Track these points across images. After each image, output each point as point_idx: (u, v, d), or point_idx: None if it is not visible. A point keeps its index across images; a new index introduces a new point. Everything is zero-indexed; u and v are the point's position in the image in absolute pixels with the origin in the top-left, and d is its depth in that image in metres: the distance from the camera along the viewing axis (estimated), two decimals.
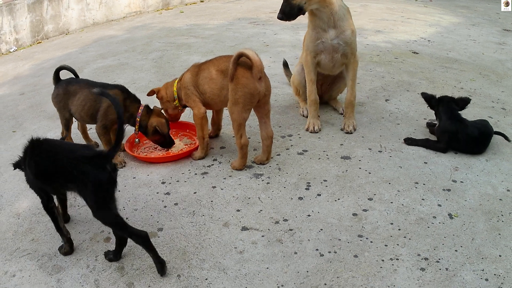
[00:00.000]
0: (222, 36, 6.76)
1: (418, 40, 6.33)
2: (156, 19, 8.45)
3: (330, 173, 3.06)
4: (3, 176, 3.29)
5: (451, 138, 3.26)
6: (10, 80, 5.56)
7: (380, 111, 3.96)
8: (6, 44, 7.36)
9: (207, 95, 3.11)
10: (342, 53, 3.50)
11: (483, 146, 3.31)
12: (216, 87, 3.04)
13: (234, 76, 2.88)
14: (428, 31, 6.84)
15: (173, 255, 2.41)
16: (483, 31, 6.94)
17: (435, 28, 7.04)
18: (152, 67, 5.41)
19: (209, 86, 3.07)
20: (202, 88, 3.11)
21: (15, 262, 2.46)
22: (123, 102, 3.19)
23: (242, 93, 2.88)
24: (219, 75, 3.01)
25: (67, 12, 8.17)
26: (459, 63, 5.31)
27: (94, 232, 2.64)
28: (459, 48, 5.93)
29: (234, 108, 2.95)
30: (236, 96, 2.90)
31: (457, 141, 3.25)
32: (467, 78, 4.81)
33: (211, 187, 2.97)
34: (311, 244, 2.41)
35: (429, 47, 5.96)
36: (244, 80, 2.87)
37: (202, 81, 3.09)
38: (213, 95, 3.09)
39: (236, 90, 2.89)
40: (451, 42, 6.21)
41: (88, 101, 3.21)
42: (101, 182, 2.17)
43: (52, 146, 2.32)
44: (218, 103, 3.16)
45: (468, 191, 2.85)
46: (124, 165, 3.31)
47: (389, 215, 2.62)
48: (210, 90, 3.08)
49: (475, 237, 2.44)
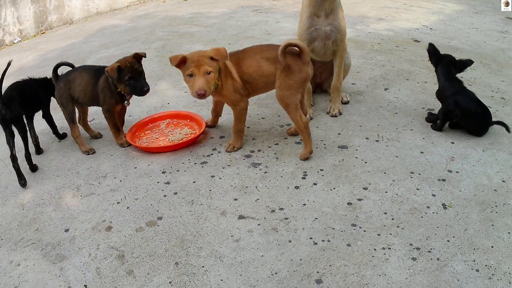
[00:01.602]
0: (224, 24, 6.77)
1: (420, 28, 6.31)
2: (160, 8, 8.46)
3: (327, 162, 3.10)
4: (7, 168, 3.36)
5: (451, 106, 3.32)
6: (15, 72, 5.60)
7: (378, 100, 3.98)
8: (10, 35, 7.41)
9: (254, 82, 3.17)
10: (333, 40, 3.60)
11: (484, 123, 3.34)
12: (264, 74, 3.11)
13: (287, 64, 3.00)
14: (430, 19, 6.82)
15: (172, 243, 2.48)
16: (486, 19, 6.90)
17: (438, 16, 7.01)
18: (154, 56, 5.44)
19: (257, 74, 3.12)
20: (248, 77, 3.15)
21: (19, 252, 2.54)
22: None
23: (297, 78, 3.02)
24: (265, 62, 3.09)
25: (70, 2, 8.19)
26: (460, 51, 5.31)
27: (96, 221, 2.71)
28: (461, 37, 5.92)
29: (287, 92, 3.06)
30: (290, 82, 3.03)
31: (457, 109, 3.30)
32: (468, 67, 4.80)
33: (210, 176, 3.02)
34: (305, 233, 2.47)
35: (431, 35, 5.94)
36: (296, 66, 3.01)
37: (248, 70, 3.13)
38: (263, 82, 3.16)
39: (290, 76, 3.02)
40: (453, 30, 6.20)
41: (88, 86, 3.36)
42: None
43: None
44: (262, 88, 3.26)
45: (463, 181, 2.88)
46: (127, 145, 3.45)
47: (383, 205, 2.67)
48: (259, 77, 3.13)
49: (468, 228, 2.48)
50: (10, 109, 3.10)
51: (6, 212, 2.90)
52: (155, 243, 2.50)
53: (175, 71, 4.76)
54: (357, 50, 5.30)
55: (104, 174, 3.16)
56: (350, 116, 3.72)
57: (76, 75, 3.39)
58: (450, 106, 3.32)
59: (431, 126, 3.50)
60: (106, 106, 3.37)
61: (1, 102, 3.05)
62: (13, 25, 7.44)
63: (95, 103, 3.44)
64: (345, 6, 7.43)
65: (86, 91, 3.37)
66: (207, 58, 2.94)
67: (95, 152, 3.47)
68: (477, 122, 3.34)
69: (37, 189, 3.09)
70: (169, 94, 4.30)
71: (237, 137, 3.30)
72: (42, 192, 3.05)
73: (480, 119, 3.34)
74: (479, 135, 3.38)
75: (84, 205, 2.87)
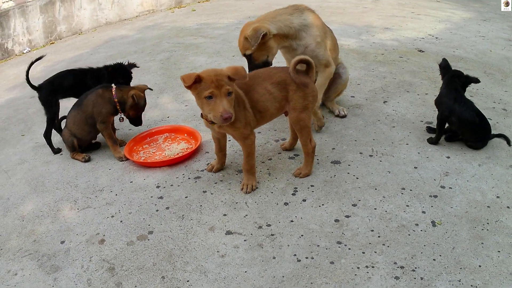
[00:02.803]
0: (230, 36, 6.83)
1: (426, 37, 6.29)
2: (168, 18, 8.57)
3: (318, 178, 3.12)
4: (10, 180, 3.47)
5: (446, 112, 3.31)
6: (22, 83, 5.71)
7: (376, 114, 3.99)
8: (20, 45, 7.57)
9: (269, 112, 2.98)
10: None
11: (482, 134, 3.33)
12: (276, 100, 2.95)
13: (302, 82, 2.92)
14: (437, 27, 6.79)
15: (160, 257, 2.53)
16: (494, 26, 6.85)
17: (445, 24, 6.98)
18: (159, 68, 5.53)
19: (271, 102, 2.94)
20: (262, 105, 2.93)
21: (17, 262, 2.64)
22: (99, 97, 3.53)
23: (311, 97, 2.98)
24: (276, 88, 2.93)
25: (79, 12, 8.33)
26: (465, 61, 5.28)
27: (90, 234, 2.78)
28: (467, 46, 5.89)
29: (303, 115, 2.97)
30: (305, 103, 2.95)
31: (453, 117, 3.29)
32: None
33: (202, 192, 3.07)
34: (290, 250, 2.50)
35: (436, 45, 5.93)
36: (310, 85, 2.96)
37: (261, 98, 2.92)
38: (275, 109, 2.99)
39: (304, 96, 2.94)
40: (459, 39, 6.17)
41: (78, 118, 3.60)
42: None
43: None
44: (272, 117, 3.10)
45: (456, 197, 2.87)
46: (126, 159, 3.52)
47: (370, 222, 2.68)
48: (272, 105, 2.95)
49: (456, 246, 2.47)
50: (40, 93, 3.71)
51: (7, 223, 3.00)
52: (144, 256, 2.56)
53: (178, 84, 4.86)
54: (359, 61, 5.31)
55: (101, 187, 3.24)
56: (346, 130, 3.73)
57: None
58: (445, 112, 3.32)
59: (427, 140, 3.50)
60: (99, 118, 3.51)
61: (30, 86, 3.71)
62: (22, 35, 7.60)
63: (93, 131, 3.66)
64: (352, 15, 7.54)
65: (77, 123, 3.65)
66: (225, 77, 2.60)
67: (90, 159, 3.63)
68: (474, 132, 3.32)
69: (37, 201, 3.18)
70: (169, 108, 4.37)
71: (250, 175, 3.04)
72: (42, 205, 3.14)
73: (478, 129, 3.31)
74: (478, 148, 3.37)
75: (80, 218, 2.95)
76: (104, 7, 8.68)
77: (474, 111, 3.29)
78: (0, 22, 7.41)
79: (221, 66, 5.34)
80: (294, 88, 2.93)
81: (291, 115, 3.01)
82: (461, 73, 3.42)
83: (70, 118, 3.62)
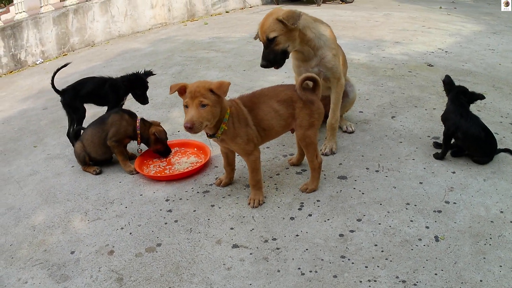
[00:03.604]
0: (241, 50, 6.94)
1: (436, 51, 6.33)
2: (181, 31, 8.71)
3: (325, 193, 3.17)
4: (22, 190, 3.57)
5: (452, 128, 3.35)
6: (35, 94, 5.90)
7: (384, 129, 4.03)
8: (33, 56, 7.74)
9: (273, 130, 3.03)
10: (324, 78, 3.56)
11: (488, 149, 3.35)
12: (282, 118, 3.00)
13: (309, 99, 2.97)
14: (447, 41, 6.84)
15: (167, 269, 2.60)
16: (504, 39, 6.87)
17: (455, 38, 7.02)
18: (170, 82, 5.63)
19: (276, 120, 2.99)
20: (267, 123, 2.98)
21: (28, 270, 2.72)
22: (121, 120, 3.65)
23: (317, 115, 3.03)
24: (282, 106, 2.98)
25: (92, 25, 8.50)
26: (473, 75, 5.31)
27: (100, 245, 2.86)
28: (476, 59, 5.92)
29: (309, 132, 3.02)
30: (311, 120, 3.00)
31: (459, 132, 3.33)
32: (479, 91, 4.70)
33: (210, 206, 3.14)
34: (294, 263, 2.55)
35: (445, 59, 5.96)
36: (316, 102, 3.02)
37: (266, 117, 2.97)
38: (280, 127, 3.05)
39: (311, 113, 2.99)
40: (469, 53, 6.20)
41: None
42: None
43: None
44: (278, 134, 3.15)
45: (460, 212, 2.90)
46: (136, 173, 3.61)
47: (374, 237, 2.72)
48: (277, 123, 3.01)
49: (458, 261, 2.50)
50: (64, 97, 3.97)
51: (18, 233, 3.09)
52: (152, 268, 2.62)
53: None
54: (369, 76, 5.36)
55: (112, 200, 3.32)
56: (354, 146, 3.78)
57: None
58: (451, 128, 3.36)
59: (433, 155, 3.53)
60: (116, 137, 3.62)
61: (55, 90, 3.98)
62: (35, 46, 7.78)
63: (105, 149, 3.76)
64: (363, 30, 7.61)
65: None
66: (206, 90, 2.64)
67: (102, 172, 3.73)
68: (480, 147, 3.35)
69: (48, 212, 3.28)
70: (180, 122, 4.46)
71: (257, 189, 3.09)
72: (53, 215, 3.23)
73: (484, 144, 3.34)
74: (483, 163, 3.39)
75: (90, 229, 3.03)
76: (117, 20, 8.85)
77: (480, 127, 3.32)
78: (13, 33, 7.59)
79: (232, 80, 5.40)
80: (301, 106, 2.99)
81: (297, 132, 3.07)
82: (466, 90, 3.46)
83: (87, 135, 3.70)
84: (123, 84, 3.94)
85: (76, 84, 4.06)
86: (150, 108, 4.87)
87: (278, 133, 3.12)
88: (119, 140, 3.62)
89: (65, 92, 4.00)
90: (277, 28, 3.29)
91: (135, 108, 4.69)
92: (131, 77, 3.95)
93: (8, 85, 6.92)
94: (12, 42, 7.61)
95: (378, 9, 9.90)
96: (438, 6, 10.25)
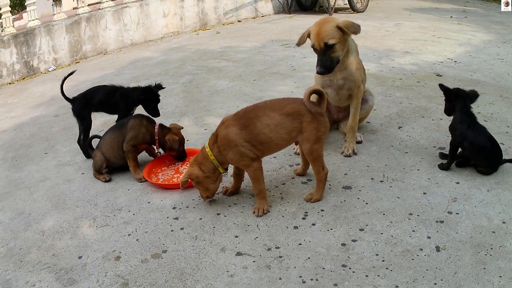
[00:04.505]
0: (252, 59, 7.01)
1: (445, 61, 6.35)
2: (193, 40, 8.82)
3: (329, 202, 3.22)
4: (32, 196, 3.67)
5: (460, 139, 3.38)
6: (47, 101, 6.03)
7: (390, 139, 4.07)
8: (45, 64, 7.89)
9: (273, 142, 3.03)
10: (347, 88, 3.73)
11: (493, 159, 3.38)
12: (284, 131, 3.00)
13: (318, 112, 3.00)
14: (456, 51, 6.85)
15: (172, 275, 2.66)
16: None
17: (465, 47, 7.03)
18: (181, 91, 5.72)
19: (276, 132, 2.99)
20: (263, 137, 2.99)
21: (36, 274, 2.80)
22: (140, 126, 3.76)
23: (324, 128, 3.04)
24: (287, 119, 2.99)
25: (104, 33, 8.64)
26: (482, 85, 5.32)
27: (107, 251, 2.93)
28: (485, 69, 5.93)
29: (316, 146, 3.03)
30: (318, 134, 3.01)
31: (465, 142, 3.36)
32: (486, 101, 4.82)
33: (216, 214, 3.20)
34: (296, 271, 2.60)
35: (454, 69, 5.98)
36: (324, 116, 3.05)
37: (264, 129, 2.98)
38: (281, 140, 3.05)
39: (318, 127, 3.00)
40: (478, 63, 6.21)
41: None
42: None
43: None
44: (281, 147, 3.17)
45: (462, 223, 2.92)
46: (144, 181, 3.68)
47: (376, 246, 2.76)
48: (278, 136, 3.00)
49: (458, 271, 2.52)
50: (74, 105, 4.10)
51: (28, 237, 3.19)
52: (157, 274, 2.69)
53: (198, 107, 5.06)
54: (377, 86, 5.40)
55: (120, 207, 3.40)
56: (360, 156, 3.82)
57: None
58: (458, 139, 3.38)
59: (438, 166, 3.56)
60: (134, 142, 3.73)
61: (65, 98, 4.11)
62: (48, 54, 7.93)
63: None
64: (374, 39, 7.65)
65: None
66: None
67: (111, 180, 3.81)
68: (485, 157, 3.37)
69: (58, 217, 3.37)
70: (190, 131, 4.53)
71: (261, 199, 3.13)
72: (62, 221, 3.32)
73: (489, 154, 3.36)
74: (488, 173, 3.41)
75: (98, 235, 3.11)
76: (129, 28, 8.99)
77: (486, 137, 3.35)
78: (26, 40, 7.76)
79: (242, 90, 5.51)
80: (309, 120, 3.00)
81: (304, 146, 3.08)
82: (467, 94, 3.50)
83: (105, 141, 3.81)
84: (137, 97, 4.02)
85: (87, 92, 4.17)
86: (161, 117, 4.93)
87: (279, 146, 3.13)
88: (136, 145, 3.72)
89: (76, 100, 4.11)
90: (336, 35, 3.43)
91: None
92: (145, 90, 4.02)
93: (20, 91, 7.07)
94: (24, 49, 7.78)
95: (390, 19, 9.94)
96: (449, 15, 10.25)
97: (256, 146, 3.00)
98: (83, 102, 4.09)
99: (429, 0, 12.98)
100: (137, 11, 9.09)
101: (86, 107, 4.11)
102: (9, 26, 7.75)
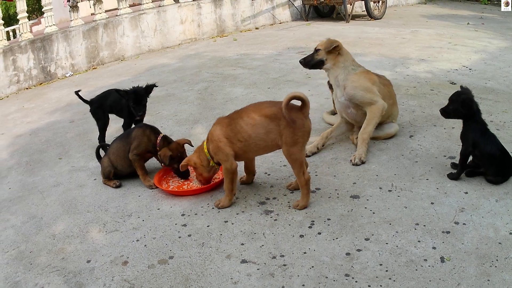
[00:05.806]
0: (267, 67, 7.06)
1: (460, 69, 6.31)
2: (210, 47, 8.90)
3: (336, 212, 3.23)
4: (45, 201, 3.77)
5: (471, 148, 3.37)
6: (63, 107, 6.15)
7: (401, 148, 4.07)
8: (62, 69, 8.03)
9: (252, 141, 3.22)
10: (354, 106, 4.00)
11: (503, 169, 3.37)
12: (262, 131, 3.17)
13: (292, 119, 3.11)
14: (472, 58, 6.80)
15: (177, 280, 2.71)
16: None
17: (480, 54, 6.98)
18: (195, 98, 5.79)
19: (254, 131, 3.18)
20: (243, 135, 3.21)
21: (45, 276, 2.89)
22: (143, 135, 3.82)
23: (301, 133, 3.15)
24: (265, 120, 3.16)
25: (122, 39, 8.76)
26: (496, 93, 5.28)
27: (115, 256, 3.00)
28: (499, 76, 5.88)
29: (293, 148, 3.16)
30: (295, 137, 3.13)
31: (476, 150, 3.35)
32: (499, 109, 4.78)
33: (223, 221, 3.24)
34: (299, 280, 2.62)
35: (469, 76, 5.94)
36: (300, 121, 3.14)
37: (244, 128, 3.20)
38: (259, 140, 3.21)
39: (295, 131, 3.12)
40: (493, 70, 6.16)
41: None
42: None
43: None
44: (261, 148, 3.30)
45: (468, 233, 2.90)
46: (155, 188, 3.76)
47: (380, 256, 2.76)
48: (255, 135, 3.19)
49: (461, 282, 2.51)
50: (91, 106, 4.50)
51: (38, 241, 3.27)
52: (163, 279, 2.74)
53: (212, 115, 5.12)
54: None
55: (130, 213, 3.47)
56: (369, 165, 3.83)
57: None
58: (469, 148, 3.37)
59: (447, 175, 3.54)
60: (137, 151, 3.78)
61: (83, 101, 4.54)
62: (65, 59, 8.07)
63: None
64: (390, 47, 7.66)
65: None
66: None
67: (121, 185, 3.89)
68: (495, 166, 3.35)
69: (69, 222, 3.45)
70: (202, 138, 4.46)
71: (225, 195, 3.39)
72: (73, 225, 3.40)
73: (499, 163, 3.35)
74: (497, 183, 3.39)
75: (107, 240, 3.18)
76: (147, 35, 9.10)
77: (496, 146, 3.33)
78: (43, 46, 7.91)
79: (256, 98, 5.55)
80: (285, 124, 3.13)
81: (282, 148, 3.22)
82: (464, 94, 3.47)
83: (113, 149, 3.89)
84: (125, 98, 4.20)
85: (102, 95, 4.58)
86: (174, 124, 5.03)
87: (258, 146, 3.26)
88: (140, 154, 3.78)
89: (93, 102, 4.52)
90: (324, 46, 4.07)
91: (160, 123, 4.88)
92: (129, 92, 4.17)
93: (37, 97, 7.22)
94: (42, 54, 7.93)
95: (407, 26, 9.90)
96: (466, 22, 10.17)
97: (235, 144, 3.23)
98: (98, 104, 4.49)
99: (447, 7, 12.91)
100: (154, 17, 9.21)
101: (100, 109, 4.49)
102: (26, 31, 7.92)
